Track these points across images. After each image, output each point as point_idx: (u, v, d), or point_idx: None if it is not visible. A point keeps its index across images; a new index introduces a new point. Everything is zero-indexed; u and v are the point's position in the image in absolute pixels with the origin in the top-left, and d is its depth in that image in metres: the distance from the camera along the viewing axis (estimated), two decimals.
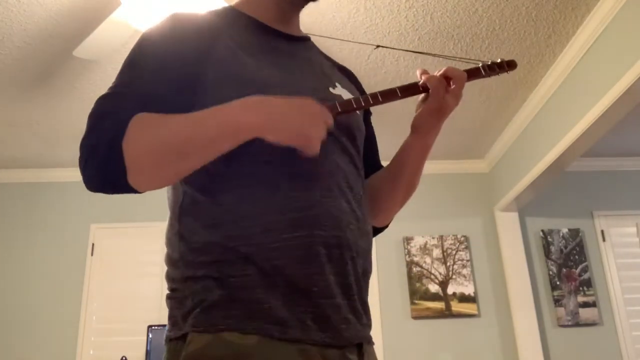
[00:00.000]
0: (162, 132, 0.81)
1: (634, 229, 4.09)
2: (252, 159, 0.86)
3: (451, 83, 0.96)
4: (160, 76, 0.87)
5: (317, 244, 0.85)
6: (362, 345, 0.89)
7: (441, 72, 0.97)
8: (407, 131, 1.06)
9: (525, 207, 3.96)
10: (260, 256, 0.83)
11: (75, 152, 3.78)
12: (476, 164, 4.22)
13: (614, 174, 4.22)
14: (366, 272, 0.94)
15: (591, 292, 3.84)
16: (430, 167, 3.86)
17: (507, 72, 1.02)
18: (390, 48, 1.47)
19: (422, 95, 1.00)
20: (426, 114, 0.98)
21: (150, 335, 3.39)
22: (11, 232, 3.88)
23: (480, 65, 1.00)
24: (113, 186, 0.83)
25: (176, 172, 0.83)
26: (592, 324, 3.77)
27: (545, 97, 3.22)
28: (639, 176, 4.25)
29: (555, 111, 3.15)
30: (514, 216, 3.97)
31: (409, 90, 0.97)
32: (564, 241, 3.97)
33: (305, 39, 1.08)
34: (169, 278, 0.90)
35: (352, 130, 0.99)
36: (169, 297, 0.89)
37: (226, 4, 1.09)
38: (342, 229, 0.88)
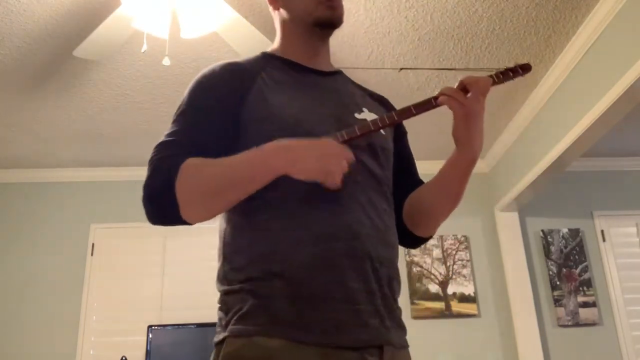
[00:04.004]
0: (206, 175, 0.96)
1: (634, 229, 4.09)
2: (282, 187, 0.98)
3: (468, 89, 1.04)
4: (208, 124, 1.03)
5: (338, 256, 0.96)
6: (383, 347, 0.97)
7: (457, 84, 1.06)
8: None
9: (525, 207, 3.96)
10: (288, 270, 0.95)
11: (75, 152, 3.78)
12: (476, 164, 4.21)
13: (614, 174, 4.22)
14: (392, 280, 1.03)
15: (591, 292, 3.84)
16: (430, 167, 3.84)
17: (522, 75, 1.09)
18: (414, 69, 1.51)
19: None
20: (456, 123, 1.06)
21: (150, 335, 3.38)
22: (11, 232, 3.88)
23: (493, 74, 1.08)
24: (169, 220, 1.00)
25: (219, 207, 1.00)
26: (592, 324, 3.77)
27: (545, 97, 3.22)
28: (639, 176, 4.25)
29: (555, 111, 3.15)
30: (514, 216, 3.97)
31: (423, 106, 1.05)
32: (564, 241, 3.96)
33: (335, 73, 1.21)
34: (219, 291, 1.04)
35: (374, 149, 1.09)
36: (218, 309, 1.03)
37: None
38: (361, 240, 0.98)
